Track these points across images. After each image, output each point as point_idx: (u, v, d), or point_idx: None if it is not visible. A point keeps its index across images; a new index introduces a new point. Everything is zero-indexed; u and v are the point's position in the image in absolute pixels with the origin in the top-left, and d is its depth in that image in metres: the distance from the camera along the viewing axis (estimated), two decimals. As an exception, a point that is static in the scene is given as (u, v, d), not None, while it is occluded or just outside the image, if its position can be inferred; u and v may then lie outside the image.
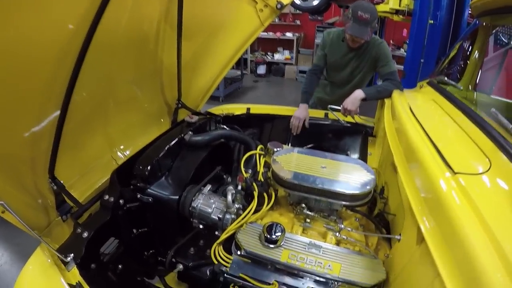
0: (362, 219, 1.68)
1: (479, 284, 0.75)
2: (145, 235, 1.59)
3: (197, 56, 2.09)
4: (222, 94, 6.45)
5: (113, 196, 1.42)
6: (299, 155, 1.72)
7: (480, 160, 1.10)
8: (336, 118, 2.44)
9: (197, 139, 1.79)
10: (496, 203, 0.92)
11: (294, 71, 8.68)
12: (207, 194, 1.61)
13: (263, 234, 1.39)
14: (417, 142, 1.34)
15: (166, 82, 1.99)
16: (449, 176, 1.04)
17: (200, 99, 2.35)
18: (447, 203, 0.95)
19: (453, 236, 0.89)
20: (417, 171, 1.27)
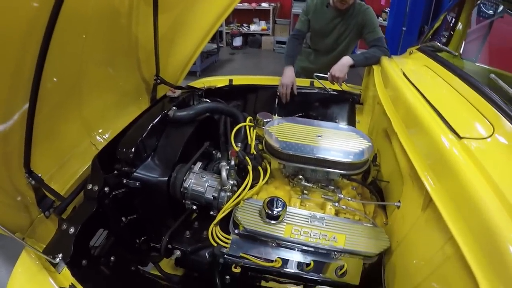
0: (358, 188, 1.64)
1: (494, 244, 0.76)
2: (135, 222, 1.47)
3: (173, 28, 1.94)
4: (199, 68, 6.19)
5: (97, 185, 1.29)
6: (292, 124, 1.62)
7: (483, 125, 1.09)
8: (323, 86, 2.36)
9: (182, 114, 1.64)
10: (503, 165, 0.91)
11: (271, 42, 8.42)
12: (199, 173, 1.49)
13: (264, 210, 1.31)
14: (418, 107, 1.29)
15: (143, 58, 1.83)
16: (455, 141, 1.02)
17: (179, 73, 2.20)
18: (457, 168, 0.93)
19: (465, 199, 0.88)
20: (421, 137, 1.22)
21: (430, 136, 1.12)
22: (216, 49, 7.18)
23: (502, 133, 1.03)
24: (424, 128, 1.18)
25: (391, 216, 1.45)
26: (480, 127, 1.09)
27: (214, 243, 1.36)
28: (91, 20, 1.34)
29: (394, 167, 1.57)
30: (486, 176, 0.87)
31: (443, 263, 0.96)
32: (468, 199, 0.87)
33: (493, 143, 1.00)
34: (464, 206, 0.90)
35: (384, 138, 1.76)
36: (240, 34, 8.44)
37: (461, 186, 0.90)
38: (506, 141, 1.00)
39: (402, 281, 1.19)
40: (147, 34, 1.71)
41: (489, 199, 0.82)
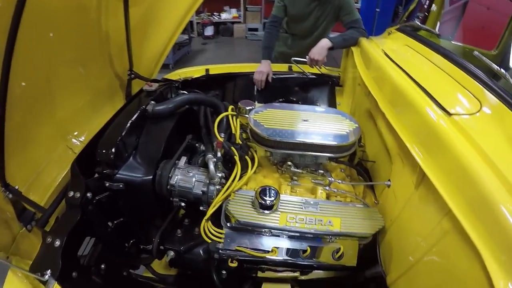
0: (346, 170, 1.62)
1: (491, 212, 0.78)
2: (123, 226, 1.39)
3: (145, 20, 1.82)
4: (171, 60, 6.00)
5: (78, 191, 1.19)
6: (277, 110, 1.57)
7: (470, 101, 1.10)
8: (301, 70, 2.31)
9: (161, 108, 1.55)
10: (493, 138, 0.93)
11: (243, 29, 8.28)
12: (184, 168, 1.42)
13: (257, 200, 1.26)
14: (405, 86, 1.27)
15: (114, 53, 1.71)
16: (445, 118, 1.03)
17: (154, 66, 2.08)
18: (450, 143, 0.94)
19: (460, 172, 0.89)
20: (410, 116, 1.20)
21: (420, 114, 1.11)
22: (187, 40, 6.99)
23: (489, 107, 1.04)
24: (413, 107, 1.16)
25: (381, 195, 1.44)
26: (468, 103, 1.09)
27: (208, 239, 1.30)
28: (57, 17, 1.23)
29: (380, 147, 1.56)
30: (478, 149, 0.88)
31: (442, 238, 0.95)
32: (462, 173, 0.88)
33: (482, 117, 1.01)
34: (459, 179, 0.90)
35: (367, 118, 1.74)
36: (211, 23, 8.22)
37: (455, 161, 0.91)
38: (494, 115, 1.01)
39: (399, 258, 1.19)
40: (118, 27, 1.60)
41: (483, 171, 0.83)
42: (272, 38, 2.48)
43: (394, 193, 1.31)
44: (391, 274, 1.23)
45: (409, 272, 1.11)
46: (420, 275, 1.06)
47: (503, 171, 0.81)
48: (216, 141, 1.46)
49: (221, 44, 7.88)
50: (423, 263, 1.03)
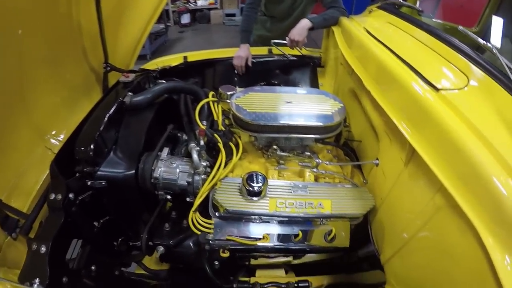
0: (333, 150, 1.58)
1: (484, 185, 0.77)
2: (109, 224, 1.32)
3: (118, 9, 1.72)
4: (148, 51, 5.80)
5: (59, 193, 1.12)
6: (258, 94, 1.51)
7: (457, 76, 1.07)
8: (281, 52, 2.24)
9: (139, 99, 1.47)
10: (483, 113, 0.91)
11: (220, 15, 8.08)
12: (167, 159, 1.35)
13: (244, 188, 1.21)
14: (390, 63, 1.23)
15: (88, 45, 1.60)
16: (433, 93, 1.00)
17: (130, 57, 1.97)
18: (439, 119, 0.92)
19: (451, 147, 0.87)
20: (397, 93, 1.16)
21: (407, 91, 1.08)
22: (164, 29, 6.77)
23: (477, 82, 1.02)
24: (399, 83, 1.13)
25: (369, 174, 1.42)
26: (455, 78, 1.06)
27: (197, 231, 1.25)
28: (25, 12, 1.13)
29: (365, 126, 1.53)
30: (467, 123, 0.87)
31: (435, 214, 0.93)
32: (453, 147, 0.86)
33: (470, 92, 0.99)
34: (450, 154, 0.88)
35: (351, 98, 1.70)
36: (187, 10, 7.98)
37: (445, 136, 0.89)
38: (482, 89, 0.99)
39: (392, 237, 1.17)
40: (90, 19, 1.49)
41: (474, 144, 0.82)
42: (250, 21, 2.39)
43: (383, 172, 1.28)
44: (384, 253, 1.22)
45: (402, 250, 1.09)
46: (414, 252, 1.05)
47: (494, 144, 0.80)
48: (198, 129, 1.39)
49: (199, 32, 7.68)
50: (416, 240, 1.02)
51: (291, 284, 1.39)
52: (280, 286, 1.39)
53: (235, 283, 1.37)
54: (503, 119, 0.87)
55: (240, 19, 7.75)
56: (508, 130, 0.84)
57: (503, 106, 0.91)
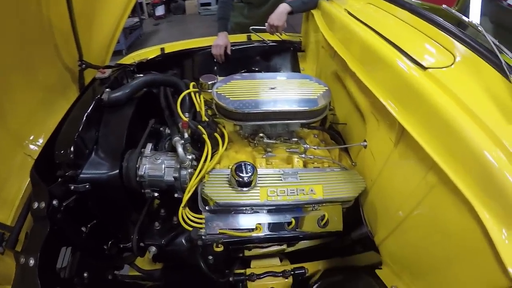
0: (320, 134, 1.56)
1: (477, 163, 0.76)
2: (98, 228, 1.26)
3: (89, 5, 1.63)
4: (124, 46, 5.61)
5: (42, 201, 1.05)
6: (241, 81, 1.45)
7: (443, 54, 1.05)
8: (261, 38, 2.18)
9: (117, 95, 1.39)
10: (471, 90, 0.90)
11: (195, 5, 7.89)
12: (151, 155, 1.28)
13: (234, 179, 1.17)
14: (376, 44, 1.19)
15: (61, 43, 1.50)
16: (421, 72, 0.98)
17: (105, 52, 1.88)
18: (428, 97, 0.91)
19: (442, 126, 0.86)
20: (384, 73, 1.14)
21: (394, 70, 1.06)
22: (138, 22, 6.56)
23: (463, 59, 1.00)
24: (386, 64, 1.10)
25: (357, 156, 1.40)
26: (441, 56, 1.05)
27: (188, 227, 1.20)
28: None
29: (350, 108, 1.51)
30: (456, 100, 0.86)
31: (428, 193, 0.92)
32: (444, 124, 0.85)
33: (457, 69, 0.98)
34: (441, 132, 0.87)
35: (334, 81, 1.67)
36: (161, 2, 7.74)
37: (435, 113, 0.88)
38: (468, 66, 0.98)
39: (385, 218, 1.16)
40: (61, 15, 1.40)
41: (464, 121, 0.81)
42: (227, 8, 2.31)
43: (372, 153, 1.27)
44: (378, 234, 1.21)
45: (397, 230, 1.08)
46: (409, 231, 1.04)
47: (483, 120, 0.79)
48: (181, 121, 1.33)
49: (174, 23, 7.48)
50: (411, 219, 1.01)
51: (287, 272, 1.37)
52: (276, 275, 1.37)
53: (231, 276, 1.33)
54: (491, 95, 0.86)
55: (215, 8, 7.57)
56: (496, 105, 0.83)
57: (490, 82, 0.91)
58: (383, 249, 1.22)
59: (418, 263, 1.03)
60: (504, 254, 0.68)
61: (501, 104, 0.83)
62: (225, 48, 2.11)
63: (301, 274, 1.37)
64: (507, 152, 0.73)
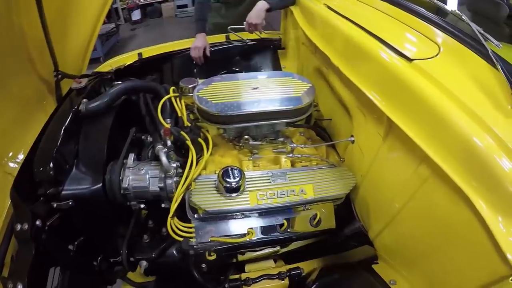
0: (306, 132, 1.52)
1: (470, 153, 0.75)
2: (85, 245, 1.19)
3: (62, 12, 1.54)
4: (101, 53, 5.44)
5: (25, 222, 0.99)
6: (222, 83, 1.40)
7: (427, 45, 1.03)
8: (240, 38, 2.13)
9: (95, 105, 1.31)
10: (459, 79, 0.88)
11: (171, 8, 7.73)
12: (135, 166, 1.22)
13: (221, 185, 1.12)
14: (358, 37, 1.17)
15: (35, 54, 1.42)
16: (407, 64, 0.96)
17: (81, 61, 1.80)
18: (416, 88, 0.89)
19: (431, 117, 0.85)
20: (368, 66, 1.11)
21: (379, 63, 1.03)
22: (115, 28, 6.39)
23: (448, 49, 0.99)
24: (371, 57, 1.08)
25: (345, 152, 1.38)
26: (425, 47, 1.02)
27: (178, 237, 1.15)
28: None
29: (334, 104, 1.48)
30: (445, 90, 0.84)
31: (421, 186, 0.90)
32: (434, 116, 0.83)
33: (442, 59, 0.95)
34: (430, 124, 0.86)
35: (317, 77, 1.64)
36: (137, 6, 7.55)
37: (424, 106, 0.87)
38: (454, 56, 0.96)
39: (378, 212, 1.14)
40: (33, 24, 1.32)
41: (453, 111, 0.79)
42: (204, 9, 2.26)
43: (360, 148, 1.24)
44: (372, 229, 1.19)
45: (391, 224, 1.06)
46: (403, 225, 1.02)
47: (473, 108, 0.78)
48: (163, 128, 1.27)
49: (151, 27, 7.32)
50: (405, 213, 0.99)
51: (283, 273, 1.33)
52: (272, 277, 1.33)
53: (226, 283, 1.29)
54: (478, 84, 0.85)
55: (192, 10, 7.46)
56: (485, 94, 0.82)
57: (476, 71, 0.89)
58: (378, 244, 1.21)
59: (414, 255, 1.01)
60: (502, 242, 0.67)
61: (489, 92, 0.82)
62: (204, 50, 2.06)
63: (297, 275, 1.34)
64: (499, 140, 0.72)
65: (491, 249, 0.70)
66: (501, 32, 1.53)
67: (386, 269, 1.13)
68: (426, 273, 0.97)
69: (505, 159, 0.69)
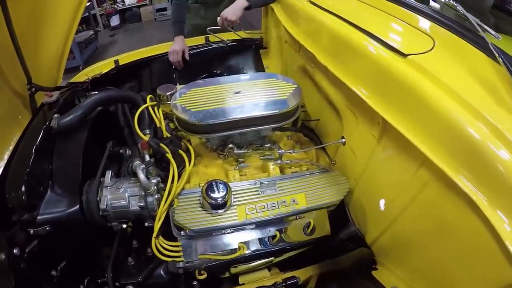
0: (293, 136, 1.43)
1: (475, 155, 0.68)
2: (69, 269, 1.08)
3: (32, 21, 1.41)
4: (80, 61, 5.19)
5: (1, 252, 0.89)
6: (201, 88, 1.28)
7: (422, 38, 0.95)
8: (219, 39, 2.02)
9: (68, 119, 1.19)
10: (456, 73, 0.82)
11: (150, 11, 7.45)
12: (112, 184, 1.11)
13: (206, 201, 1.02)
14: (347, 33, 1.08)
15: (6, 67, 1.29)
16: (401, 59, 0.89)
17: (56, 72, 1.66)
18: (413, 86, 0.81)
19: (431, 117, 0.77)
20: (358, 64, 1.03)
21: (372, 60, 0.95)
22: (93, 35, 6.11)
23: (443, 42, 0.91)
24: (362, 54, 0.99)
25: (336, 154, 1.30)
26: (419, 41, 0.95)
27: (164, 257, 1.05)
28: None
29: (321, 103, 1.40)
30: (443, 87, 0.77)
31: (422, 189, 0.84)
32: (434, 116, 0.76)
33: (437, 53, 0.88)
34: (431, 124, 0.78)
35: (301, 76, 1.56)
36: (115, 11, 7.23)
37: (421, 104, 0.79)
38: (449, 49, 0.89)
39: (375, 217, 1.07)
40: (1, 34, 1.20)
41: (453, 108, 0.72)
42: (182, 10, 2.12)
43: (352, 150, 1.16)
44: (370, 233, 1.12)
45: (391, 228, 1.00)
46: (404, 229, 0.96)
47: (476, 106, 0.70)
48: (140, 141, 1.16)
49: (131, 32, 7.06)
50: (405, 216, 0.92)
51: (279, 284, 1.23)
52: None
53: None
54: (478, 78, 0.78)
55: (171, 12, 7.26)
56: (486, 88, 0.75)
57: (475, 64, 0.83)
58: (376, 248, 1.13)
59: (417, 260, 0.95)
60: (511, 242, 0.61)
61: (491, 87, 0.75)
62: (183, 53, 1.94)
63: (294, 284, 1.25)
64: (505, 139, 0.65)
65: (499, 254, 0.64)
66: (486, 23, 1.48)
67: (387, 275, 1.06)
68: (429, 279, 0.90)
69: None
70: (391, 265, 1.07)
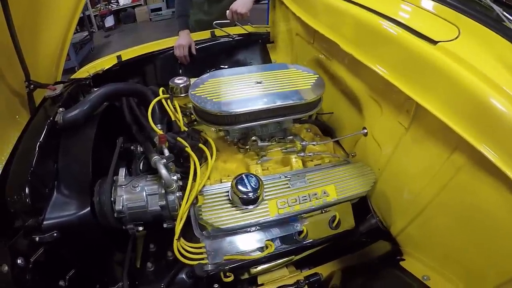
0: (312, 128, 1.34)
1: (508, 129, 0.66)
2: (78, 277, 0.96)
3: (30, 16, 1.30)
4: (75, 62, 5.01)
5: (4, 262, 0.78)
6: (220, 78, 1.19)
7: (447, 27, 0.92)
8: (226, 33, 1.91)
9: (74, 114, 1.07)
10: (486, 60, 0.79)
11: (145, 12, 7.26)
12: (128, 183, 0.99)
13: (237, 196, 0.91)
14: (376, 22, 1.01)
15: (4, 64, 1.19)
16: (432, 46, 0.85)
17: (55, 69, 1.55)
18: (448, 71, 0.79)
19: (467, 100, 0.74)
20: (389, 52, 0.96)
21: (402, 47, 0.91)
22: (88, 36, 5.93)
23: (468, 30, 0.88)
24: (391, 41, 0.94)
25: (356, 146, 1.22)
26: (444, 29, 0.90)
27: (188, 261, 0.94)
28: None
29: (336, 95, 1.33)
30: (476, 72, 0.75)
31: (455, 175, 0.80)
32: (469, 99, 0.74)
33: (466, 40, 0.85)
34: (467, 108, 0.74)
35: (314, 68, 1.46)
36: (110, 12, 7.02)
37: (457, 88, 0.76)
38: (475, 37, 0.87)
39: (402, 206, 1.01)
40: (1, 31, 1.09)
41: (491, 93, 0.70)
42: (185, 3, 2.03)
43: (376, 140, 1.09)
44: (395, 224, 1.05)
45: (419, 218, 0.94)
46: (435, 218, 0.91)
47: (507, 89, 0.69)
48: (156, 135, 1.05)
49: (126, 33, 6.87)
50: (436, 204, 0.88)
51: (301, 282, 1.15)
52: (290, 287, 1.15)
53: None
54: (505, 64, 0.75)
55: (167, 12, 7.09)
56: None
57: (502, 51, 0.80)
58: (403, 239, 1.06)
59: (449, 248, 0.89)
60: None
61: None
62: (189, 48, 1.82)
63: (317, 281, 1.16)
64: None
65: None
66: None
67: (416, 265, 1.00)
68: (463, 266, 0.86)
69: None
70: (420, 254, 1.01)
